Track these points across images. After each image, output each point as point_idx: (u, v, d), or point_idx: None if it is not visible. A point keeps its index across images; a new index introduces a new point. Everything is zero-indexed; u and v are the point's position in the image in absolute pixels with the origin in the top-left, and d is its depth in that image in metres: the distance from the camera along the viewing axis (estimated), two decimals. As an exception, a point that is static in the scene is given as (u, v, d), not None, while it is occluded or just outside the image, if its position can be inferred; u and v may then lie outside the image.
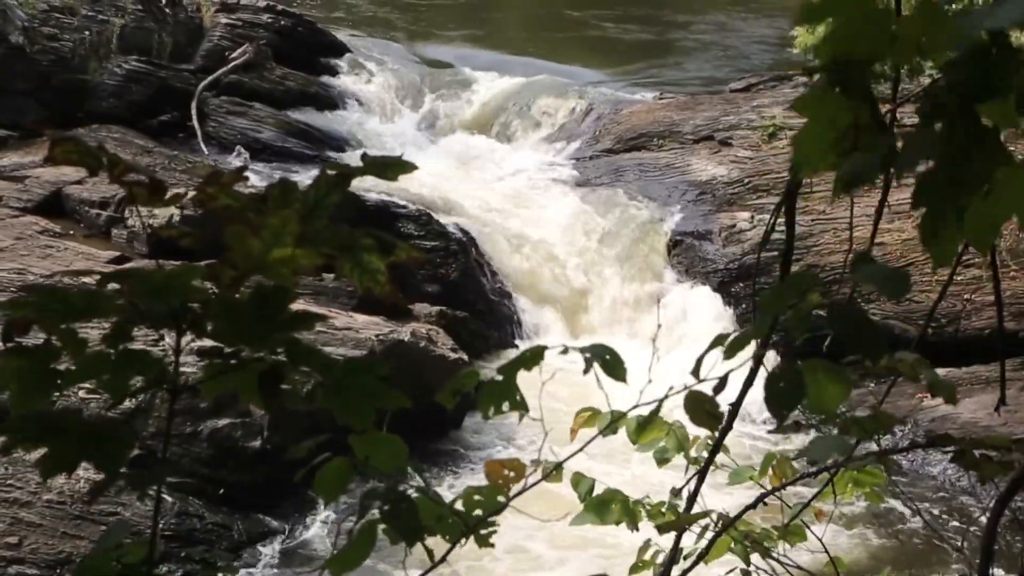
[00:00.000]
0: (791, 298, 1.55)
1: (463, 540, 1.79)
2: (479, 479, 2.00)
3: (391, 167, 1.47)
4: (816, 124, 1.37)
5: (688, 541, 2.92)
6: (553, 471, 2.86)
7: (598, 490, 3.32)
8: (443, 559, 1.79)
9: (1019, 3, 1.20)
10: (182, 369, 2.42)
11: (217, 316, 1.40)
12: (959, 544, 5.97)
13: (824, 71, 1.33)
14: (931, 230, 1.35)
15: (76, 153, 1.41)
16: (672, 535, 3.13)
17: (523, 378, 1.83)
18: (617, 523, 3.25)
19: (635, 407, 2.03)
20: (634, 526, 3.24)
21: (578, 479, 3.32)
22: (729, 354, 1.55)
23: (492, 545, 1.84)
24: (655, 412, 2.29)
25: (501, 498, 1.90)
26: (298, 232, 1.37)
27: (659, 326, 8.48)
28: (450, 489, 7.40)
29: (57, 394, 1.43)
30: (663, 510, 3.21)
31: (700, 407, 1.81)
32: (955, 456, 2.05)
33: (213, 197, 1.39)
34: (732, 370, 1.74)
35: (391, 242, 1.43)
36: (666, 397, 1.92)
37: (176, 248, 1.76)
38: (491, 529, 1.82)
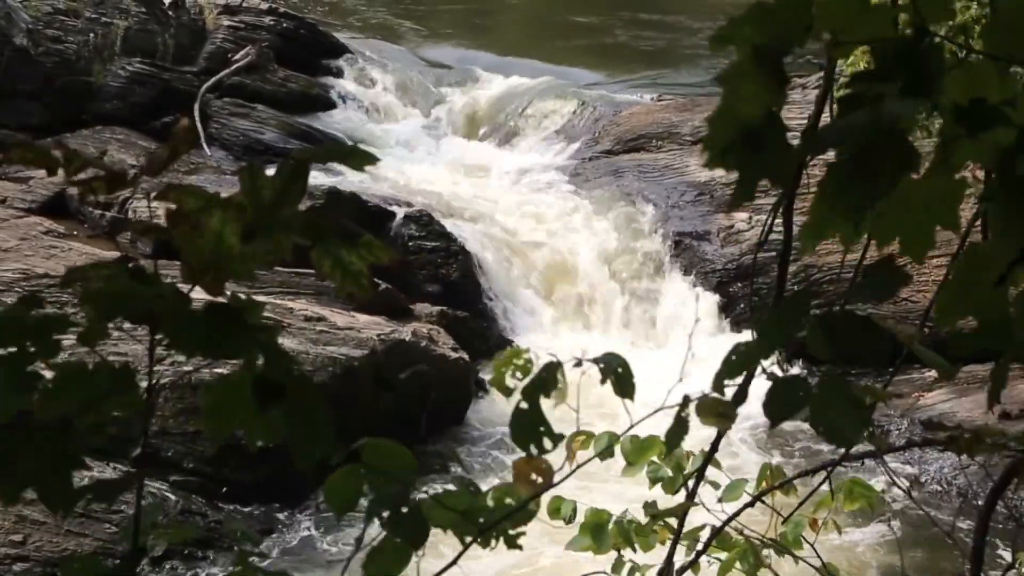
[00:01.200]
0: (791, 325, 1.49)
1: (492, 542, 1.71)
2: (482, 477, 1.95)
3: (353, 156, 1.45)
4: (733, 103, 1.30)
5: (680, 556, 2.85)
6: (529, 500, 2.79)
7: (581, 511, 3.17)
8: (460, 556, 1.73)
9: None
10: (183, 368, 2.46)
11: (172, 324, 1.38)
12: (952, 530, 6.00)
13: (746, 51, 1.26)
14: (818, 225, 1.30)
15: (32, 154, 1.40)
16: (654, 552, 3.05)
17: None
18: (617, 549, 3.11)
19: (660, 409, 1.94)
20: (631, 547, 3.10)
21: (558, 503, 3.19)
22: (732, 375, 1.51)
23: (520, 547, 1.72)
24: (674, 411, 2.18)
25: (529, 504, 1.82)
26: (241, 230, 1.35)
27: (662, 315, 8.48)
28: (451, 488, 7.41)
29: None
30: (655, 528, 3.08)
31: (713, 410, 1.76)
32: (947, 442, 2.03)
33: (175, 199, 1.36)
34: (751, 380, 1.68)
35: (356, 232, 1.41)
36: (686, 404, 1.84)
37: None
38: (520, 530, 1.72)
